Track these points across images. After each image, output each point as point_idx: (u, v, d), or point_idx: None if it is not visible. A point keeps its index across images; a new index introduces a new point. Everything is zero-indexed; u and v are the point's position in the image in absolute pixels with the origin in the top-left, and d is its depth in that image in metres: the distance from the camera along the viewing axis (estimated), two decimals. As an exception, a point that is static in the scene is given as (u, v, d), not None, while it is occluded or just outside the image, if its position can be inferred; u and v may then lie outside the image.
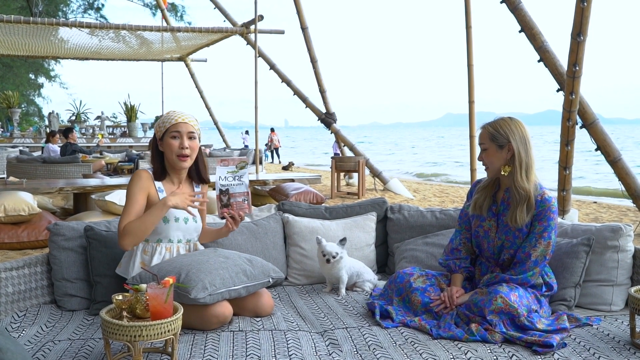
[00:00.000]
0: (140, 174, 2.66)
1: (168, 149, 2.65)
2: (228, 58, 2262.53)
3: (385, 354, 2.18)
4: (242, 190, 2.73)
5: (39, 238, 5.78)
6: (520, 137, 2.53)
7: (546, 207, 2.51)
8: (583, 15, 5.67)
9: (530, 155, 2.53)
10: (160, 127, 2.68)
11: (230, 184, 2.70)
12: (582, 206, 9.63)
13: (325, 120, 12.26)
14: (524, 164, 2.51)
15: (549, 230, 2.51)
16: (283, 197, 7.61)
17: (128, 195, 2.61)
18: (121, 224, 2.54)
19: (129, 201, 2.60)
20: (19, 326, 2.51)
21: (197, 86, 18.04)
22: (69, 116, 22.33)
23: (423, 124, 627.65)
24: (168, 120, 2.65)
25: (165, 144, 2.65)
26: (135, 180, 2.64)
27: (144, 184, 2.63)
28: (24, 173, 8.99)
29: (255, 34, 10.32)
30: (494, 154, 2.56)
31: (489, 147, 2.58)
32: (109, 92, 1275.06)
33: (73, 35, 12.58)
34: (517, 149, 2.51)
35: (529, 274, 2.50)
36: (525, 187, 2.50)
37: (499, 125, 2.56)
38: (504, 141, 2.54)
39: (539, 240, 2.51)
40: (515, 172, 2.52)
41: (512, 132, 2.53)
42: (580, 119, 6.64)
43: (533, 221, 2.53)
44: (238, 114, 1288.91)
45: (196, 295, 2.34)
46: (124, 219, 2.55)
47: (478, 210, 2.68)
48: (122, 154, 13.09)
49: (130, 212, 2.56)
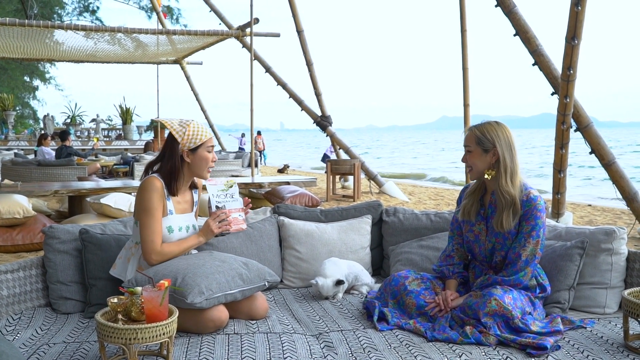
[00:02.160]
0: (156, 183, 2.63)
1: (202, 161, 2.70)
2: (224, 61, 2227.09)
3: (380, 357, 2.19)
4: (237, 207, 2.81)
5: (34, 241, 5.76)
6: (505, 143, 2.55)
7: (532, 207, 2.52)
8: (577, 19, 5.70)
9: (515, 160, 2.55)
10: (193, 139, 2.66)
11: (225, 200, 2.79)
12: (577, 209, 9.67)
13: (321, 123, 12.27)
14: (509, 169, 2.53)
15: (537, 229, 2.52)
16: (278, 200, 7.62)
17: (149, 209, 2.58)
18: (153, 243, 2.57)
19: (152, 216, 2.58)
20: (14, 329, 2.51)
21: (192, 89, 18.05)
22: (64, 119, 22.27)
23: (419, 126, 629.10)
24: (203, 134, 2.69)
25: (200, 156, 2.69)
26: (153, 191, 2.61)
27: (160, 195, 2.63)
28: (19, 176, 8.97)
29: (250, 37, 10.33)
30: (479, 157, 2.59)
31: (473, 150, 2.60)
32: (105, 95, 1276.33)
33: (68, 38, 12.57)
34: (502, 154, 2.54)
35: (521, 274, 2.51)
36: (510, 191, 2.52)
37: (485, 130, 2.58)
38: (489, 145, 2.56)
39: (527, 239, 2.52)
40: (499, 177, 2.54)
41: (498, 137, 2.55)
42: (574, 122, 6.67)
43: (521, 221, 2.55)
44: (233, 116, 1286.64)
45: (193, 300, 2.34)
46: (153, 235, 2.57)
47: (467, 216, 2.70)
48: (117, 157, 13.05)
49: (157, 229, 2.59)
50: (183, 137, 2.66)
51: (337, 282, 2.95)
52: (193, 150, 2.68)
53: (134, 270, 2.62)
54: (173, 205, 2.70)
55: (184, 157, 2.68)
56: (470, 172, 2.65)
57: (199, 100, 18.32)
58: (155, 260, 2.58)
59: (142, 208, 2.60)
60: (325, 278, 2.96)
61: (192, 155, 2.69)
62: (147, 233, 2.57)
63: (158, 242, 2.59)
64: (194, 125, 2.69)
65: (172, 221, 2.67)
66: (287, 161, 25.26)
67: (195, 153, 2.69)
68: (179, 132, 2.66)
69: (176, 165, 2.67)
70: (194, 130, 2.67)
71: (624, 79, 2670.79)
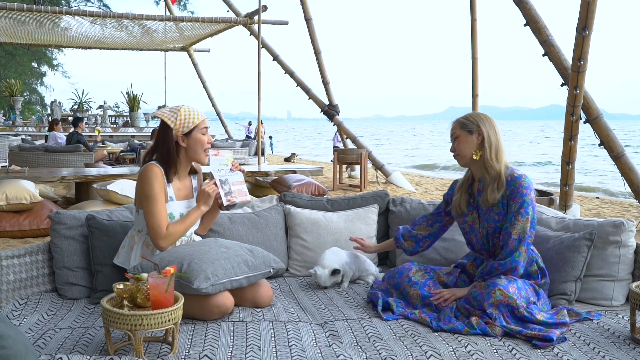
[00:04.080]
0: (155, 170, 2.61)
1: (197, 144, 2.67)
2: (231, 48, 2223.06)
3: (386, 346, 2.18)
4: (239, 179, 2.83)
5: (41, 226, 5.78)
6: (489, 123, 2.64)
7: (517, 184, 2.54)
8: (589, 9, 5.64)
9: (499, 139, 2.64)
10: (186, 123, 2.64)
11: (227, 174, 2.79)
12: (585, 201, 9.62)
13: (328, 112, 12.24)
14: (494, 146, 2.60)
15: (525, 206, 2.52)
16: (285, 189, 7.61)
17: (152, 195, 2.57)
18: (160, 227, 2.56)
19: (156, 201, 2.57)
20: (20, 314, 2.52)
21: (199, 76, 18.01)
22: (72, 105, 22.32)
23: (426, 117, 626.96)
24: (195, 117, 2.66)
25: (194, 139, 2.67)
26: (154, 177, 2.59)
27: (161, 181, 2.62)
28: (26, 161, 8.99)
29: (259, 25, 10.28)
30: (465, 140, 2.65)
31: (459, 135, 2.67)
32: (112, 82, 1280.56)
33: (76, 24, 12.56)
34: (487, 132, 2.62)
35: (516, 255, 2.50)
36: (495, 166, 2.59)
37: (469, 115, 2.70)
38: (473, 127, 2.64)
39: (516, 217, 2.52)
40: (485, 153, 2.61)
41: (480, 120, 2.65)
42: (584, 114, 6.62)
43: (509, 201, 2.56)
44: (240, 104, 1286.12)
45: (199, 286, 2.34)
46: (159, 220, 2.56)
47: (459, 209, 2.74)
48: (124, 144, 13.08)
49: (162, 213, 2.58)
50: (175, 122, 2.64)
51: (333, 271, 2.95)
52: (187, 134, 2.66)
53: (137, 259, 2.63)
54: (173, 192, 2.69)
55: (179, 142, 2.66)
56: (457, 157, 2.71)
57: (206, 88, 18.29)
58: (164, 245, 2.58)
59: (144, 195, 2.59)
60: (323, 268, 2.95)
61: (187, 140, 2.67)
62: (153, 219, 2.56)
63: (165, 226, 2.59)
64: (185, 109, 2.67)
65: (173, 207, 2.66)
66: (295, 150, 25.23)
67: (190, 136, 2.67)
68: (170, 118, 2.65)
69: (171, 152, 2.65)
70: (185, 114, 2.65)
71: (634, 71, 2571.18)
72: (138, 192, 2.65)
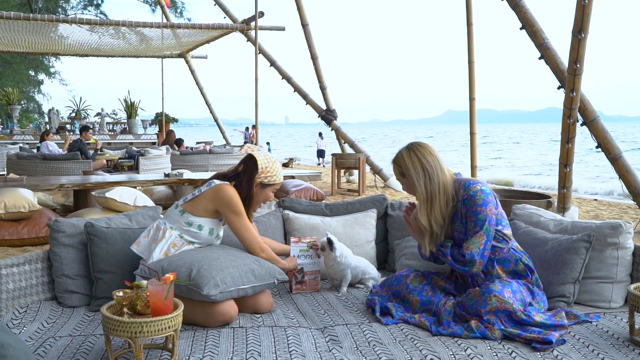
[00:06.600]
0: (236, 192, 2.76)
1: (262, 196, 2.87)
2: (228, 55, 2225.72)
3: (385, 351, 2.19)
4: (315, 269, 3.04)
5: (40, 235, 5.78)
6: (415, 169, 2.62)
7: (472, 203, 2.56)
8: (584, 12, 5.66)
9: (434, 182, 2.60)
10: (270, 176, 2.83)
11: (305, 262, 3.01)
12: (583, 203, 9.64)
13: (326, 117, 12.26)
14: (422, 196, 2.61)
15: (480, 224, 2.54)
16: (283, 194, 7.61)
17: (242, 212, 2.74)
18: (257, 239, 2.77)
19: (246, 218, 2.76)
20: (19, 322, 2.52)
21: (197, 83, 18.04)
22: (69, 113, 22.30)
23: (424, 120, 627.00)
24: (279, 177, 2.86)
25: (265, 193, 2.87)
26: (238, 197, 2.74)
27: None
28: (24, 170, 8.98)
29: (255, 31, 10.30)
30: (407, 185, 2.71)
31: (403, 183, 2.74)
32: (109, 89, 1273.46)
33: (73, 32, 12.57)
34: (414, 183, 2.63)
35: (468, 266, 2.56)
36: (421, 220, 2.62)
37: (398, 161, 2.69)
38: (404, 171, 2.67)
39: (472, 235, 2.56)
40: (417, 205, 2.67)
41: (407, 167, 2.64)
42: (581, 117, 6.64)
43: (466, 219, 2.58)
44: (238, 110, 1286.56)
45: (208, 292, 2.35)
46: (255, 234, 2.78)
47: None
48: (122, 151, 13.06)
49: (252, 229, 2.79)
50: (264, 169, 2.80)
51: (328, 240, 3.00)
52: (264, 185, 2.82)
53: (160, 254, 2.64)
54: None
55: (253, 184, 2.82)
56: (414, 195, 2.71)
57: (204, 94, 18.31)
58: (264, 254, 2.76)
59: (233, 211, 2.73)
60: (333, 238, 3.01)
61: (259, 189, 2.83)
62: (249, 233, 2.76)
63: (258, 238, 2.79)
64: (277, 165, 2.85)
65: (210, 223, 2.76)
66: (292, 155, 25.22)
67: (264, 189, 2.84)
68: (262, 162, 2.79)
69: (251, 193, 2.81)
70: (275, 169, 2.83)
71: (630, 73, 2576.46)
72: (229, 205, 2.72)
